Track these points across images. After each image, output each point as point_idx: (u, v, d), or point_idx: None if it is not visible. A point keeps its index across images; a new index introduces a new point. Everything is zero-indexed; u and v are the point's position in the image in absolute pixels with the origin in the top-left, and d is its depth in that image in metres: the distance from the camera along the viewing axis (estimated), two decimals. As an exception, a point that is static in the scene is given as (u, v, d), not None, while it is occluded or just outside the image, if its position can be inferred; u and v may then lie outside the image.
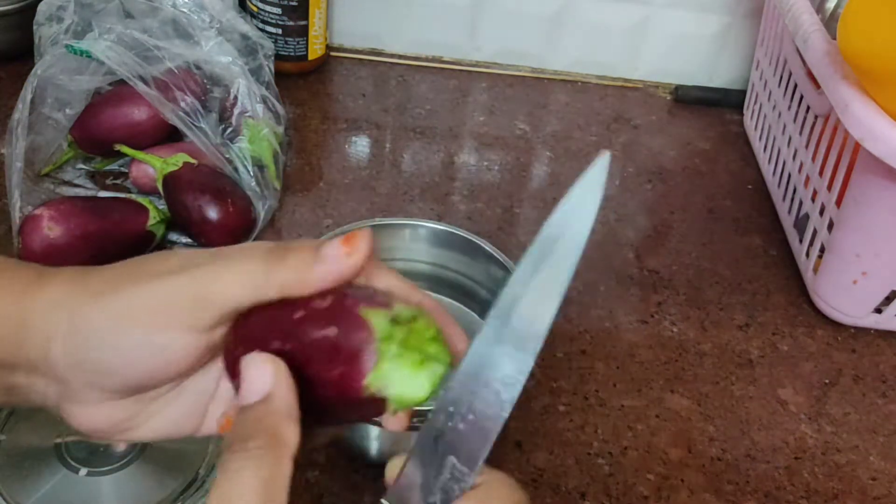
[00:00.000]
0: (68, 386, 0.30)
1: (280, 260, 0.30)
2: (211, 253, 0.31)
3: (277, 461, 0.26)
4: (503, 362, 0.29)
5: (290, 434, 0.27)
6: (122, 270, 0.31)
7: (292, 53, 0.84)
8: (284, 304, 0.30)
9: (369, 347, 0.28)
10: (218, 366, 0.32)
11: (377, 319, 0.29)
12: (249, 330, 0.30)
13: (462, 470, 0.29)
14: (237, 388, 0.30)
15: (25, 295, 0.31)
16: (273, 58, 0.73)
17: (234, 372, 0.30)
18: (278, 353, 0.29)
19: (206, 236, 0.62)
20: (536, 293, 0.30)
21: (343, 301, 0.29)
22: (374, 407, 0.29)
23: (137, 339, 0.29)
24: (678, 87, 0.92)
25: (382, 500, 0.30)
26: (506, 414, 0.29)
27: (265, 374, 0.28)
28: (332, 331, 0.29)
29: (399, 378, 0.28)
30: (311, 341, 0.29)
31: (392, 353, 0.28)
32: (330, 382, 0.29)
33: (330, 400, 0.29)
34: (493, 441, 0.29)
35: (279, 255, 0.30)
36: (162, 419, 0.32)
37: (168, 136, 0.68)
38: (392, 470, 0.30)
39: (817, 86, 0.64)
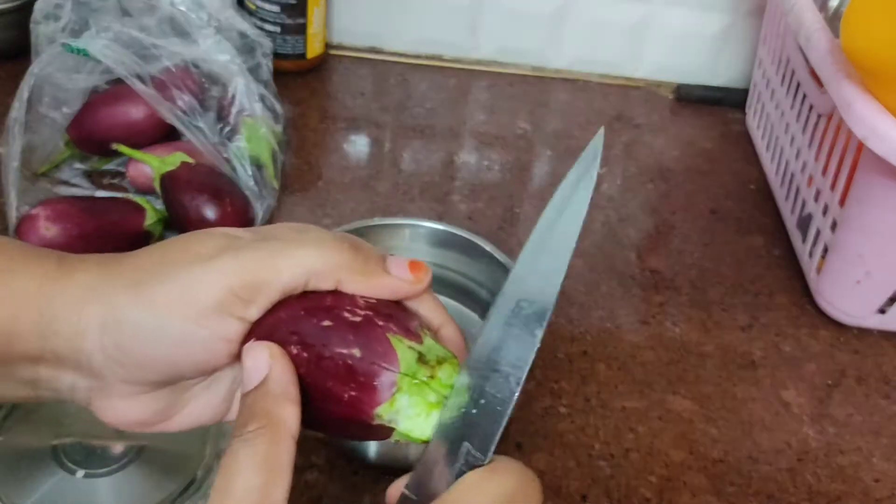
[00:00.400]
0: (102, 380, 0.29)
1: (350, 258, 0.29)
2: (255, 235, 0.30)
3: (274, 441, 0.26)
4: (512, 345, 0.29)
5: (287, 414, 0.27)
6: (158, 256, 0.30)
7: (291, 52, 0.84)
8: (314, 307, 0.29)
9: (389, 379, 0.28)
10: None
11: (405, 353, 0.28)
12: (272, 324, 0.29)
13: (476, 455, 0.28)
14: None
15: (48, 285, 0.29)
16: (271, 56, 0.73)
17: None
18: (296, 357, 0.28)
19: (204, 236, 0.62)
20: (540, 274, 0.29)
21: (374, 320, 0.29)
22: (379, 433, 0.29)
23: (183, 330, 0.28)
24: (680, 86, 0.91)
25: (404, 490, 0.29)
26: (516, 395, 0.28)
27: (261, 359, 0.28)
28: (356, 350, 0.28)
29: (411, 416, 0.28)
30: (332, 354, 0.28)
31: (411, 389, 0.28)
32: (340, 401, 0.28)
33: (335, 416, 0.29)
34: (504, 424, 0.28)
35: (348, 253, 0.29)
36: (195, 408, 0.32)
37: (166, 135, 0.67)
38: (394, 490, 0.30)
39: (820, 85, 0.64)
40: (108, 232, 0.58)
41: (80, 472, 0.46)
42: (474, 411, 0.28)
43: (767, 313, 0.66)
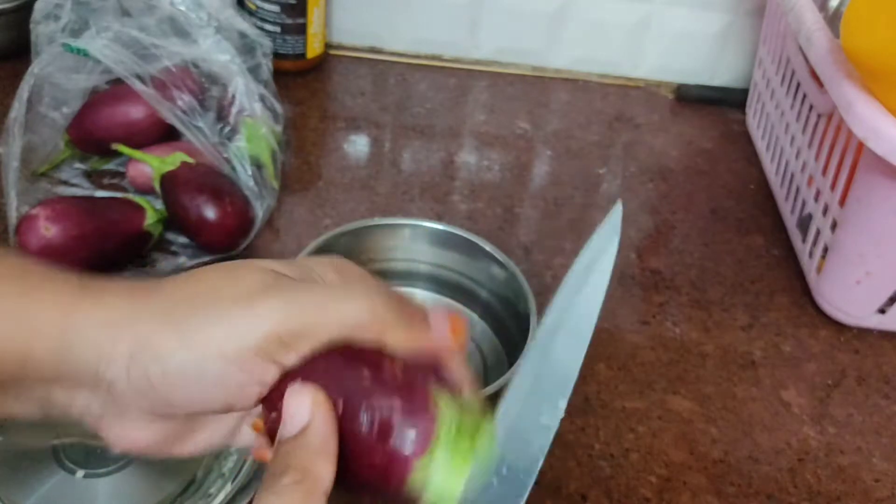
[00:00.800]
0: (121, 405, 0.29)
1: (395, 313, 0.29)
2: (299, 272, 0.29)
3: (308, 498, 0.25)
4: (535, 414, 0.28)
5: (324, 471, 0.26)
6: (199, 289, 0.29)
7: (291, 52, 0.84)
8: (353, 358, 0.28)
9: (428, 434, 0.27)
10: None
11: (446, 407, 0.27)
12: (308, 372, 0.28)
13: None
14: (267, 416, 0.29)
15: (71, 309, 0.28)
16: (271, 56, 0.73)
17: (272, 402, 0.29)
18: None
19: (203, 236, 0.62)
20: (562, 347, 0.29)
21: (415, 374, 0.28)
22: (407, 496, 0.28)
23: (222, 372, 0.27)
24: (680, 86, 0.91)
25: None
26: (540, 464, 0.28)
27: (303, 406, 0.27)
28: (395, 405, 0.27)
29: (444, 475, 0.27)
30: (370, 407, 0.27)
31: (448, 446, 0.27)
32: (372, 459, 0.27)
33: (366, 470, 0.28)
34: (525, 497, 0.28)
35: (394, 307, 0.29)
36: (203, 435, 0.31)
37: (165, 135, 0.67)
38: None
39: (820, 85, 0.64)
40: (107, 232, 0.58)
41: (80, 472, 0.46)
42: (495, 481, 0.28)
43: (767, 313, 0.66)
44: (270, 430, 0.29)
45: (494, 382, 0.47)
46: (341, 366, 0.28)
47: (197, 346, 0.27)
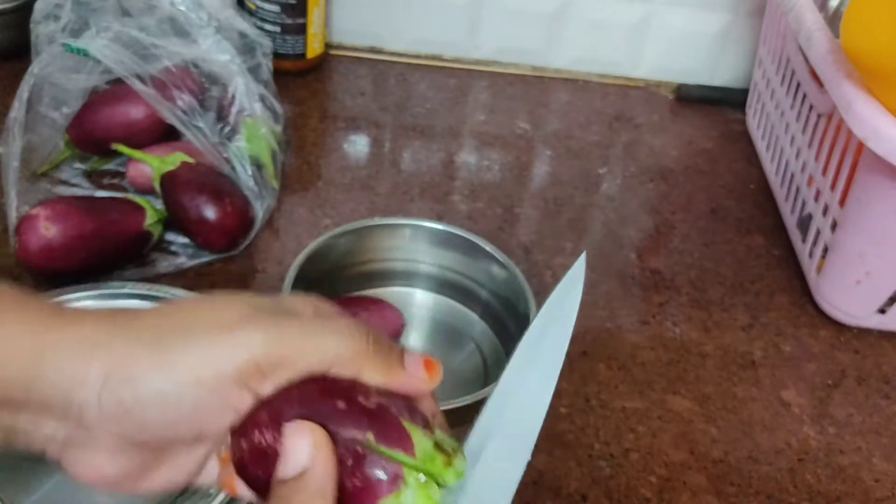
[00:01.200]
0: (90, 433, 0.28)
1: (373, 351, 0.29)
2: (277, 306, 0.29)
3: None
4: (499, 460, 0.29)
5: None
6: (179, 318, 0.29)
7: (291, 52, 0.84)
8: (328, 389, 0.28)
9: (400, 469, 0.27)
10: None
11: (420, 440, 0.28)
12: (283, 400, 0.28)
13: None
14: (236, 446, 0.29)
15: (43, 332, 0.28)
16: (271, 56, 0.73)
17: (243, 431, 0.29)
18: None
19: (203, 236, 0.62)
20: (528, 392, 0.30)
21: (389, 408, 0.28)
22: None
23: (198, 397, 0.27)
24: (680, 86, 0.91)
25: None
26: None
27: (303, 447, 0.27)
28: (368, 436, 0.27)
29: None
30: (345, 438, 0.27)
31: (417, 484, 0.27)
32: (342, 492, 0.27)
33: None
34: None
35: (372, 345, 0.29)
36: (169, 470, 0.30)
37: (165, 135, 0.67)
38: None
39: (820, 85, 0.64)
40: (107, 232, 0.58)
41: (80, 473, 0.46)
42: None
43: (767, 313, 0.66)
44: (238, 461, 0.29)
45: (494, 382, 0.47)
46: (316, 396, 0.28)
47: (173, 370, 0.27)
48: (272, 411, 0.28)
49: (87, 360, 0.27)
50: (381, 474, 0.27)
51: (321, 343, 0.29)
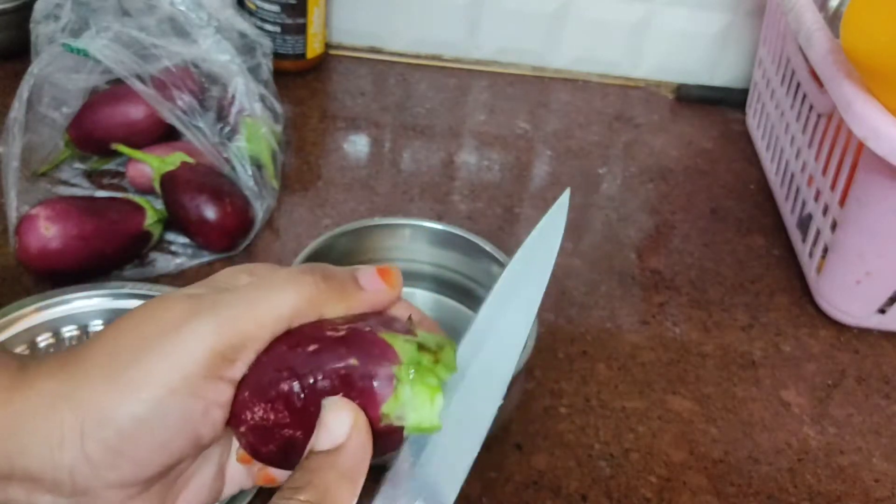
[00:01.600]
0: (87, 494, 0.26)
1: (325, 288, 0.28)
2: (218, 289, 0.28)
3: None
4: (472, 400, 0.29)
5: (345, 497, 0.26)
6: (125, 336, 0.27)
7: (291, 52, 0.84)
8: (294, 340, 0.28)
9: (387, 373, 0.27)
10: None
11: (402, 346, 0.27)
12: (257, 371, 0.28)
13: None
14: (242, 439, 0.28)
15: (6, 399, 0.26)
16: (271, 56, 0.73)
17: (238, 417, 0.28)
18: (289, 393, 0.27)
19: (203, 236, 0.62)
20: (502, 335, 0.30)
21: (361, 329, 0.28)
22: (390, 439, 0.28)
23: (178, 407, 0.26)
24: (680, 86, 0.91)
25: None
26: (471, 459, 0.28)
27: (343, 423, 0.26)
28: (352, 360, 0.27)
29: (417, 406, 0.27)
30: (327, 373, 0.27)
31: (412, 379, 0.27)
32: None
33: None
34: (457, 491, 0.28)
35: (322, 284, 0.29)
36: (188, 496, 0.30)
37: (165, 135, 0.67)
38: None
39: (820, 85, 0.64)
40: (107, 232, 0.58)
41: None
42: (427, 468, 0.28)
43: (767, 313, 0.66)
44: (251, 449, 0.29)
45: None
46: (286, 353, 0.28)
47: (143, 390, 0.26)
48: (253, 387, 0.28)
49: (58, 419, 0.26)
50: (373, 388, 0.27)
51: (272, 305, 0.28)
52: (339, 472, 0.26)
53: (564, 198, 0.31)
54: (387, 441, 0.28)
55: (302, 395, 0.27)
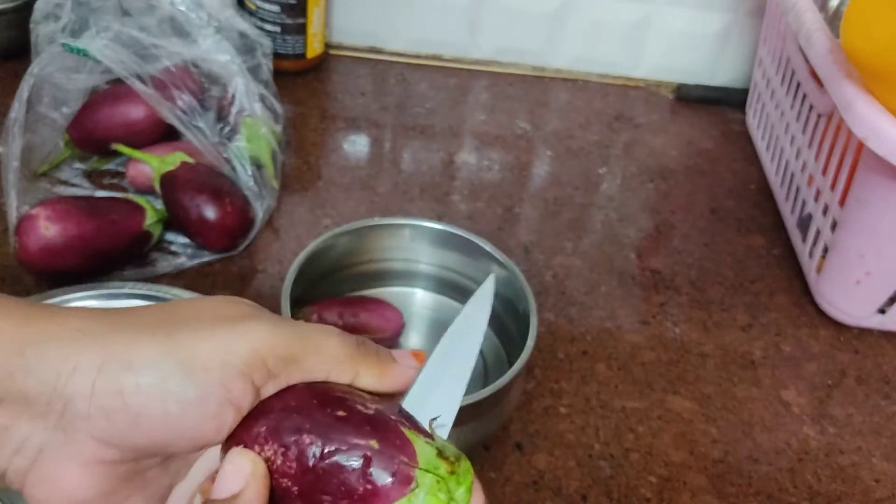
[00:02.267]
0: (68, 436, 0.26)
1: (363, 350, 0.29)
2: (282, 317, 0.29)
3: None
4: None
5: None
6: (182, 312, 0.28)
7: (291, 52, 0.84)
8: (326, 399, 0.28)
9: (407, 474, 0.26)
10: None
11: (422, 447, 0.27)
12: (282, 411, 0.27)
13: None
14: None
15: (25, 322, 0.26)
16: (271, 56, 0.73)
17: (244, 445, 0.28)
18: (305, 449, 0.27)
19: (203, 236, 0.62)
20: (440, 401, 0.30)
21: (387, 415, 0.28)
22: None
23: (204, 387, 0.26)
24: (680, 86, 0.91)
25: None
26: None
27: (241, 473, 0.26)
28: (371, 442, 0.27)
29: None
30: (348, 447, 0.27)
31: (429, 487, 0.26)
32: (352, 497, 0.26)
33: None
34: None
35: (362, 346, 0.29)
36: (143, 499, 0.29)
37: (165, 135, 0.67)
38: None
39: (820, 85, 0.64)
40: (107, 232, 0.58)
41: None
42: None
43: (767, 313, 0.66)
44: None
45: (494, 382, 0.47)
46: (314, 406, 0.27)
47: (180, 355, 0.26)
48: (273, 425, 0.27)
49: (79, 349, 0.26)
50: (388, 482, 0.26)
51: (322, 342, 0.29)
52: None
53: (489, 284, 0.34)
54: None
55: (318, 457, 0.27)
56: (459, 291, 0.60)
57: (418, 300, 0.61)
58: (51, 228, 0.56)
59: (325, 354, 0.28)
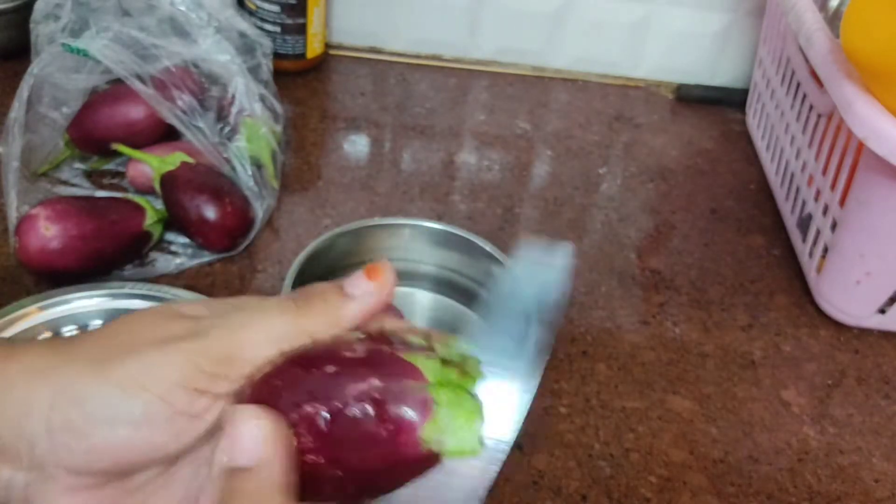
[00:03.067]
0: (43, 471, 0.27)
1: (306, 306, 0.28)
2: (218, 313, 0.29)
3: None
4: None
5: None
6: (120, 336, 0.28)
7: (291, 52, 0.84)
8: (310, 362, 0.27)
9: (422, 395, 0.25)
10: (210, 448, 0.29)
11: (425, 364, 0.26)
12: (271, 395, 0.27)
13: None
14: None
15: None
16: (271, 56, 0.73)
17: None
18: (311, 418, 0.26)
19: (203, 236, 0.62)
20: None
21: (379, 348, 0.27)
22: (427, 465, 0.26)
23: (147, 407, 0.26)
24: (680, 86, 0.91)
25: None
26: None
27: (255, 436, 0.26)
28: (374, 382, 0.26)
29: (456, 429, 0.25)
30: (354, 397, 0.26)
31: (448, 400, 0.26)
32: (379, 441, 0.26)
33: (376, 465, 0.26)
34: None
35: (304, 302, 0.28)
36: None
37: (165, 135, 0.67)
38: None
39: (820, 85, 0.64)
40: (107, 232, 0.58)
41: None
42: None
43: (767, 313, 0.66)
44: None
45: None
46: (301, 372, 0.27)
47: (121, 383, 0.26)
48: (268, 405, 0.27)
49: (31, 389, 0.26)
50: (408, 409, 0.26)
51: (258, 323, 0.28)
52: (264, 491, 0.25)
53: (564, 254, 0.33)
54: (423, 466, 0.26)
55: (329, 420, 0.26)
56: (459, 291, 0.60)
57: (418, 300, 0.61)
58: (51, 228, 0.56)
59: (267, 334, 0.28)
